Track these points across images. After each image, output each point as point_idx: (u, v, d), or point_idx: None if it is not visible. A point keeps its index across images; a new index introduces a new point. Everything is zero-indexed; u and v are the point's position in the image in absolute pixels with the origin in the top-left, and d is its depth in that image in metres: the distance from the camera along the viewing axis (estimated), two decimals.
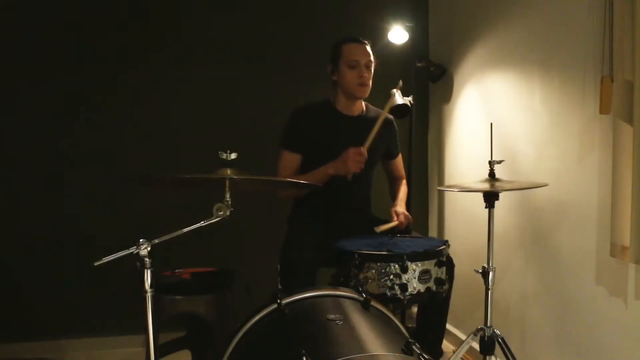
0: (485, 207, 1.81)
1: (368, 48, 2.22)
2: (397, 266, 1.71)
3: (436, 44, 3.13)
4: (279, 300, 1.45)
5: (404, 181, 2.47)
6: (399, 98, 2.70)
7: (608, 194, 1.71)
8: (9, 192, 2.71)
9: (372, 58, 2.22)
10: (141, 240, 1.30)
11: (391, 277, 1.71)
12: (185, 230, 1.36)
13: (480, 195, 1.81)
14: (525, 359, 2.19)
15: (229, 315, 2.14)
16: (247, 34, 2.92)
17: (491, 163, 1.83)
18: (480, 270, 1.82)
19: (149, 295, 1.32)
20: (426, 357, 1.26)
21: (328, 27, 2.97)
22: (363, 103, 2.32)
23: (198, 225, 1.38)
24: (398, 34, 2.83)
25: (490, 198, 1.80)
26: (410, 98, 2.76)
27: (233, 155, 1.43)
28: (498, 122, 2.23)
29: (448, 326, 2.69)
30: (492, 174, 1.83)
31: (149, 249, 1.30)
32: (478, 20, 2.61)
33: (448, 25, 2.99)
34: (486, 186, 1.78)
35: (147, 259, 1.30)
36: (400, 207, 2.26)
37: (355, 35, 2.25)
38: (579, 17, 1.88)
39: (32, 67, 2.70)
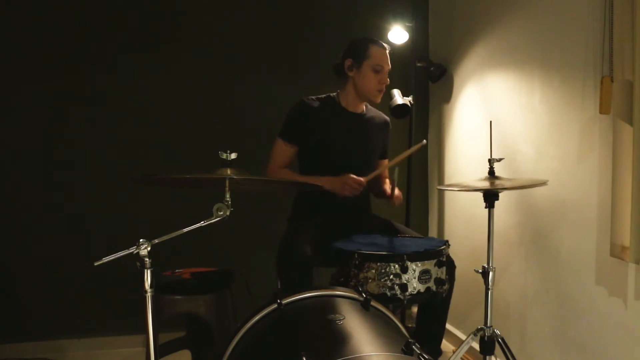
0: (485, 207, 1.81)
1: (388, 54, 2.25)
2: (397, 266, 1.71)
3: (436, 44, 3.13)
4: (279, 300, 1.45)
5: (386, 178, 2.49)
6: (399, 98, 2.71)
7: (608, 194, 1.71)
8: (9, 192, 2.70)
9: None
10: (141, 240, 1.29)
11: (391, 277, 1.71)
12: (185, 230, 1.36)
13: (480, 195, 1.81)
14: (525, 359, 2.19)
15: (229, 315, 2.14)
16: (247, 34, 2.92)
17: (491, 161, 1.83)
18: (480, 270, 1.82)
19: (149, 295, 1.32)
20: (426, 357, 1.26)
21: (328, 28, 2.97)
22: (364, 103, 2.33)
23: (198, 225, 1.37)
24: (398, 34, 2.83)
25: (490, 198, 1.79)
26: (410, 98, 2.76)
27: (233, 155, 1.43)
28: (498, 121, 2.24)
29: (448, 326, 2.69)
30: (491, 172, 1.82)
31: (149, 249, 1.30)
32: (478, 20, 2.61)
33: (448, 25, 2.99)
34: (486, 184, 1.78)
35: (147, 259, 1.30)
36: (388, 186, 2.35)
37: (374, 37, 2.26)
38: (579, 17, 1.88)
39: (32, 66, 2.70)
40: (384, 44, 2.25)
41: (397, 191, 2.27)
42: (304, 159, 2.27)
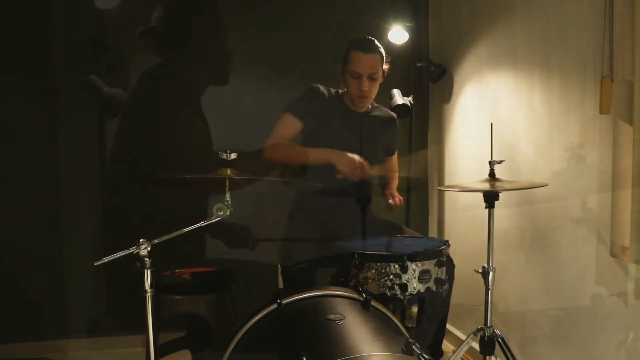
0: (485, 207, 1.81)
1: (377, 57, 2.15)
2: (397, 266, 1.71)
3: (436, 44, 3.13)
4: (279, 300, 1.45)
5: (396, 173, 2.50)
6: (398, 98, 2.71)
7: (608, 194, 1.71)
8: (8, 191, 2.70)
9: (379, 69, 2.16)
10: (141, 240, 1.29)
11: (391, 277, 1.71)
12: (185, 230, 1.36)
13: (480, 195, 1.81)
14: (525, 359, 2.19)
15: (229, 315, 2.14)
16: (248, 34, 2.92)
17: (491, 163, 1.83)
18: (480, 270, 1.82)
19: (149, 295, 1.32)
20: (426, 357, 1.26)
21: (328, 28, 2.96)
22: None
23: (198, 225, 1.38)
24: (398, 34, 2.83)
25: (490, 198, 1.79)
26: (410, 98, 2.76)
27: (233, 155, 1.43)
28: (498, 122, 2.23)
29: (448, 326, 2.69)
30: (492, 174, 1.83)
31: (149, 249, 1.30)
32: (478, 20, 2.61)
33: (448, 25, 2.99)
34: (486, 186, 1.78)
35: (147, 259, 1.30)
36: (394, 190, 2.34)
37: (366, 38, 2.19)
38: (579, 17, 1.88)
39: (30, 65, 2.69)
40: (372, 46, 2.15)
41: (398, 199, 2.26)
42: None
